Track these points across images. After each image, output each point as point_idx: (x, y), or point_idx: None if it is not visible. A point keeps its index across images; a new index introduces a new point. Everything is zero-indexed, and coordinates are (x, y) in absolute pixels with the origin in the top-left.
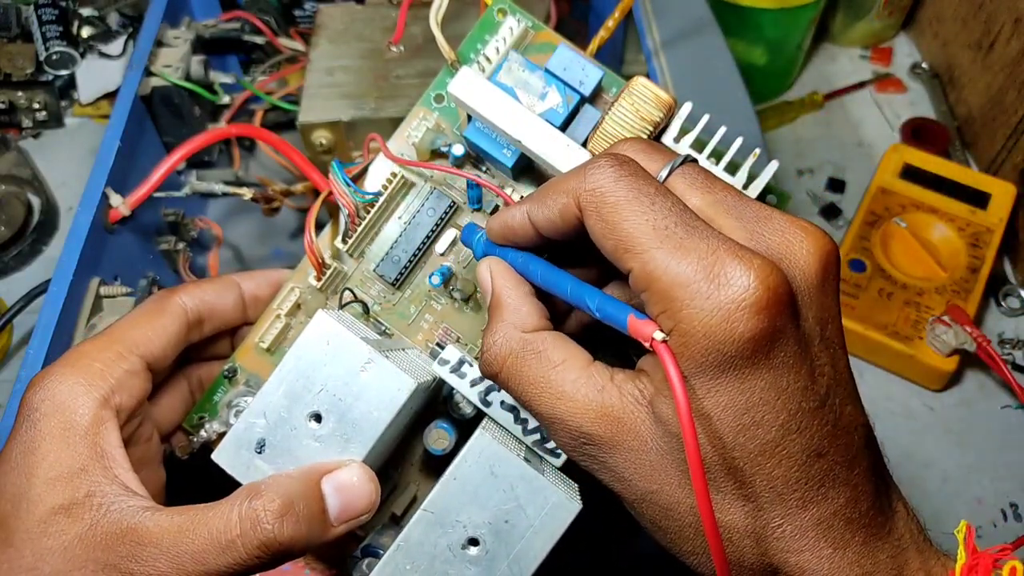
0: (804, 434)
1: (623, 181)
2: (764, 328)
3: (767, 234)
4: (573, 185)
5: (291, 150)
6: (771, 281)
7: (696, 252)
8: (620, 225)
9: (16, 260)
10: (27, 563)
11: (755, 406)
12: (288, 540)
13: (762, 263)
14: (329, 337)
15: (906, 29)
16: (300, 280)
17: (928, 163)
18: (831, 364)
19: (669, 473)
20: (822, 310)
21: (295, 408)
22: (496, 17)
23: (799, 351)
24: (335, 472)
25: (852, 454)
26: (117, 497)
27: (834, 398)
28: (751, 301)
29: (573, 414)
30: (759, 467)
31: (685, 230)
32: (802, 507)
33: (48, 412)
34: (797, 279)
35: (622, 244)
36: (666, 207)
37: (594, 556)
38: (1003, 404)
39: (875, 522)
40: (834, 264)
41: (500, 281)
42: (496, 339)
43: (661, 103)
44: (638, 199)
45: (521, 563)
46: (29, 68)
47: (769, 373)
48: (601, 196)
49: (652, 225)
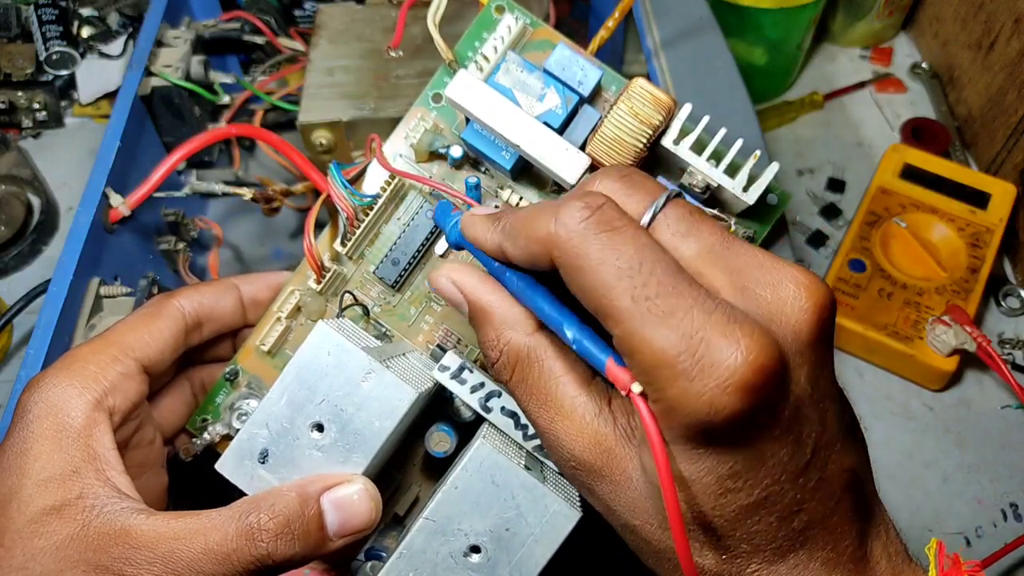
0: (786, 496)
1: (599, 239)
2: (748, 408)
3: (758, 289)
4: (543, 234)
5: (291, 150)
6: (760, 360)
7: (679, 329)
8: (597, 291)
9: (16, 260)
10: (17, 563)
11: (737, 474)
12: (283, 557)
13: (750, 340)
14: (330, 348)
15: (906, 29)
16: (300, 283)
17: (928, 163)
18: (819, 421)
19: (651, 513)
20: (814, 367)
21: (297, 418)
22: (493, 14)
23: (785, 421)
24: (335, 488)
25: (835, 501)
26: (109, 499)
27: (820, 456)
28: (737, 382)
29: (568, 435)
30: (739, 525)
31: (667, 302)
32: (780, 556)
33: (41, 414)
34: (789, 339)
35: (601, 310)
36: (647, 270)
37: (595, 562)
38: (1003, 404)
39: (852, 557)
40: (830, 317)
41: (473, 287)
42: (502, 346)
43: (660, 105)
44: (615, 261)
45: (522, 570)
46: (29, 68)
47: (752, 449)
48: (575, 255)
49: (631, 295)
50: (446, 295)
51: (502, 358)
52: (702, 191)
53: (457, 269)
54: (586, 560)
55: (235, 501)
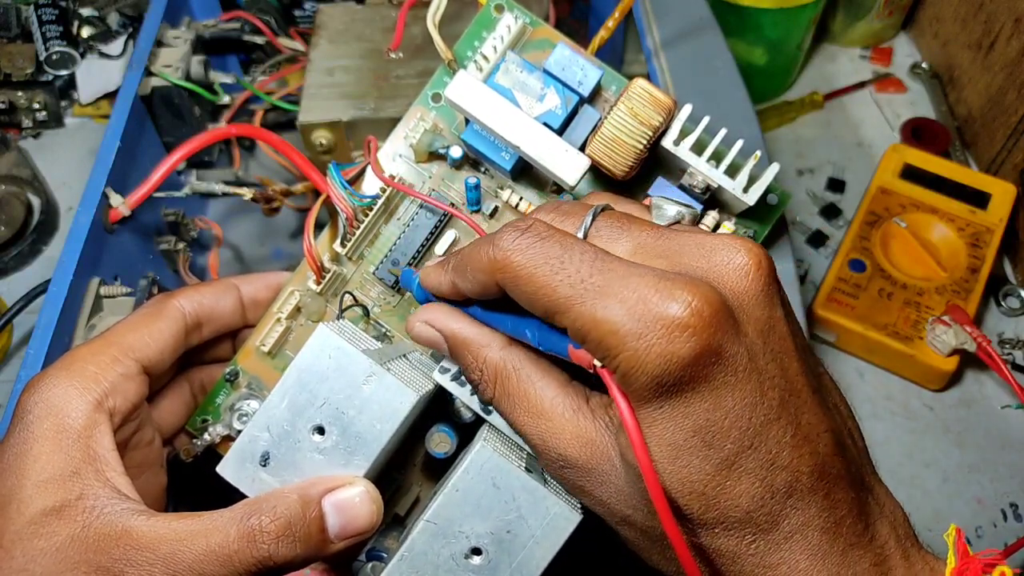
0: (759, 449)
1: (531, 249)
2: (697, 350)
3: (692, 261)
4: (484, 262)
5: (291, 150)
6: (697, 303)
7: (617, 296)
8: (539, 292)
9: (16, 260)
10: (17, 564)
11: (702, 428)
12: (284, 559)
13: (684, 286)
14: (331, 351)
15: (906, 29)
16: (300, 283)
17: (928, 163)
18: (781, 375)
19: (639, 498)
20: (761, 322)
21: (298, 421)
22: (493, 14)
23: (741, 368)
24: (337, 490)
25: (819, 462)
26: (109, 500)
27: (789, 408)
28: (679, 326)
29: (552, 433)
30: (719, 486)
31: (602, 277)
32: (771, 522)
33: (41, 415)
34: (729, 296)
35: (548, 308)
36: (576, 259)
37: (596, 565)
38: (1003, 404)
39: (854, 530)
40: (767, 272)
41: (448, 323)
42: (481, 364)
43: (660, 106)
44: (547, 262)
45: (523, 572)
46: (29, 68)
47: (711, 394)
48: (513, 268)
49: (568, 283)
50: (424, 338)
51: (483, 375)
52: (702, 192)
53: (427, 310)
54: (587, 563)
55: (236, 503)
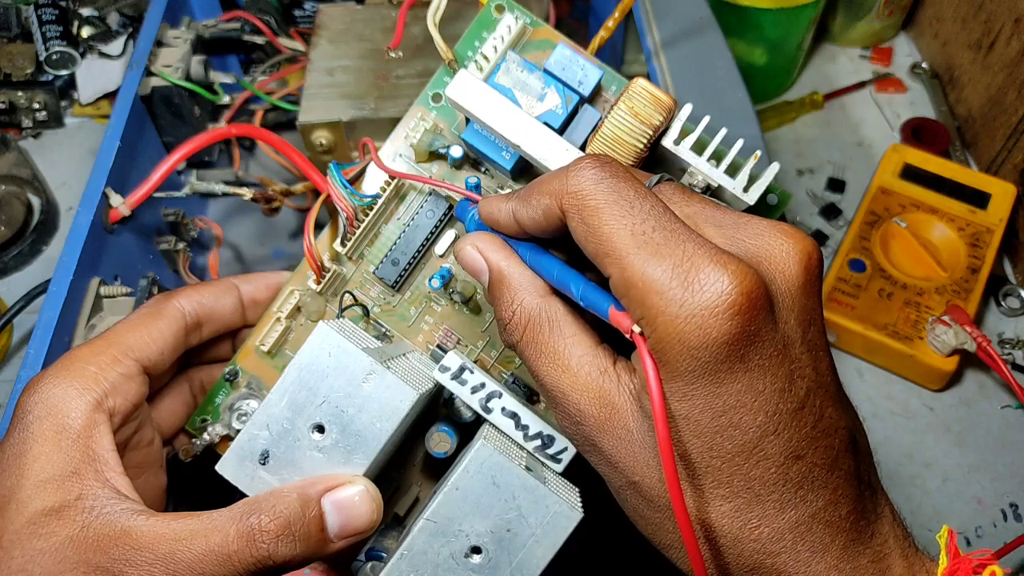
0: (782, 436)
1: (605, 183)
2: (738, 332)
3: (747, 239)
4: (556, 187)
5: (291, 150)
6: (746, 284)
7: (672, 258)
8: (600, 229)
9: (16, 260)
10: (16, 564)
11: (732, 408)
12: (284, 559)
13: (737, 266)
14: (331, 349)
15: (906, 29)
16: (299, 283)
17: (928, 163)
18: (812, 367)
19: (651, 466)
20: (804, 312)
21: (298, 419)
22: (493, 14)
23: (776, 353)
24: (337, 489)
25: (832, 457)
26: (108, 500)
27: (815, 400)
28: (725, 305)
29: (574, 389)
30: (737, 468)
31: (663, 235)
32: (780, 509)
33: (41, 415)
34: (777, 281)
35: (602, 249)
36: (645, 210)
37: (596, 564)
38: (1003, 404)
39: (856, 526)
40: (816, 266)
41: (495, 256)
42: (515, 307)
43: (661, 105)
44: (618, 202)
45: (523, 571)
46: (29, 68)
47: (745, 376)
48: (582, 199)
49: (631, 230)
50: (468, 263)
51: (515, 318)
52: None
53: (479, 236)
54: (587, 561)
55: (236, 502)
